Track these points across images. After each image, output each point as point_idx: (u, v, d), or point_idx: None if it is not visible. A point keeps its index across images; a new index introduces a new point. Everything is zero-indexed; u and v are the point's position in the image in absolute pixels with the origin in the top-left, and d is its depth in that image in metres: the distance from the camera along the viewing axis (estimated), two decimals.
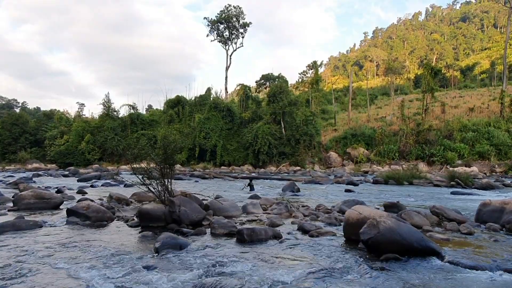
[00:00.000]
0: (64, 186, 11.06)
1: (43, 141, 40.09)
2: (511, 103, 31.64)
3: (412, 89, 66.22)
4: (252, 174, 24.85)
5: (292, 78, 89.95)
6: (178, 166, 25.35)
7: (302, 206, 7.33)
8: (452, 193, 11.12)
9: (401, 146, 31.11)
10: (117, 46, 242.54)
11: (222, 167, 33.56)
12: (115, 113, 41.54)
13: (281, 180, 16.83)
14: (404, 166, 23.66)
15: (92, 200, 6.87)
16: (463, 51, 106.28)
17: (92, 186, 12.55)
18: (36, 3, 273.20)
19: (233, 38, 50.28)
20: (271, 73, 51.40)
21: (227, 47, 50.57)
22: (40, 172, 22.32)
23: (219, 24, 49.66)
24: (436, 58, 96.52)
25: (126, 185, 12.36)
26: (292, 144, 33.32)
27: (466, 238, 4.58)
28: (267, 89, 47.06)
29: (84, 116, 51.56)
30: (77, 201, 6.82)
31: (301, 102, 37.25)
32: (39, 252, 3.69)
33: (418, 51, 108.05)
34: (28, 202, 6.66)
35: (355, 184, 14.52)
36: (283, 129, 34.16)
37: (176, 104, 41.75)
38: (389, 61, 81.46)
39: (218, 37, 50.53)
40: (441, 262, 3.45)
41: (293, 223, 5.51)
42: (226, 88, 48.74)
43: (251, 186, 12.04)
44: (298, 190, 11.14)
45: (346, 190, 11.61)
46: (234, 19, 49.14)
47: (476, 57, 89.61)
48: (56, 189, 9.70)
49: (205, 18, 54.59)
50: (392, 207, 6.62)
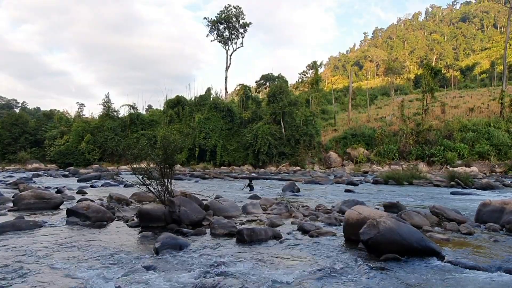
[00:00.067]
0: (64, 186, 11.06)
1: (43, 141, 40.07)
2: (511, 103, 31.63)
3: (412, 89, 66.25)
4: (252, 174, 24.83)
5: (292, 78, 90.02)
6: (178, 166, 25.34)
7: (302, 206, 7.33)
8: (452, 193, 11.12)
9: (401, 146, 31.11)
10: (117, 46, 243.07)
11: (222, 167, 33.54)
12: (115, 113, 41.54)
13: (281, 180, 16.83)
14: (404, 166, 23.65)
15: (92, 200, 6.87)
16: (463, 51, 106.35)
17: (92, 186, 12.55)
18: (36, 3, 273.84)
19: (233, 38, 50.31)
20: (271, 73, 51.45)
21: (227, 47, 50.61)
22: (40, 172, 22.33)
23: (219, 24, 49.66)
24: (436, 58, 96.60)
25: (126, 185, 12.37)
26: (292, 144, 33.30)
27: (466, 238, 4.58)
28: (267, 89, 47.05)
29: (84, 116, 51.63)
30: (77, 201, 6.82)
31: (301, 102, 37.22)
32: (39, 252, 3.70)
33: (418, 51, 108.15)
34: (28, 202, 6.66)
35: (355, 184, 14.52)
36: (283, 129, 34.14)
37: (176, 104, 41.74)
38: (389, 61, 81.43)
39: (218, 37, 50.55)
40: (441, 262, 3.45)
41: (293, 223, 5.51)
42: (226, 88, 48.78)
43: (251, 186, 12.05)
44: (298, 190, 11.14)
45: (346, 190, 11.61)
46: (234, 19, 49.15)
47: (476, 57, 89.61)
48: (56, 189, 9.69)
49: (205, 18, 54.59)
50: (392, 207, 6.62)
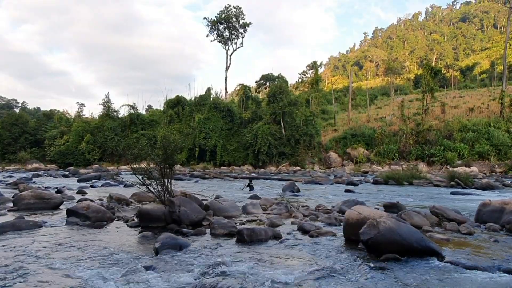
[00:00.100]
0: (64, 186, 11.07)
1: (43, 141, 40.07)
2: (511, 103, 31.64)
3: (412, 89, 66.27)
4: (252, 174, 24.84)
5: (292, 78, 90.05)
6: (178, 166, 25.29)
7: (302, 206, 7.33)
8: (452, 193, 11.13)
9: (401, 146, 31.11)
10: (117, 46, 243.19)
11: (222, 167, 33.55)
12: (115, 113, 41.57)
13: (281, 180, 16.83)
14: (404, 166, 23.65)
15: (92, 200, 6.87)
16: (463, 51, 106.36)
17: (92, 186, 12.55)
18: (36, 3, 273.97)
19: (233, 38, 50.32)
20: (271, 73, 51.45)
21: (227, 47, 50.62)
22: (40, 172, 22.33)
23: (219, 24, 49.67)
24: (436, 58, 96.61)
25: (126, 185, 12.37)
26: (292, 144, 33.30)
27: (466, 238, 4.58)
28: (267, 89, 47.05)
29: (84, 116, 51.65)
30: (77, 201, 6.81)
31: (301, 102, 37.23)
32: (38, 252, 3.69)
33: (418, 51, 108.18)
34: (28, 202, 6.66)
35: (355, 184, 14.51)
36: (283, 129, 34.14)
37: (176, 104, 41.75)
38: (389, 61, 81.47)
39: (218, 37, 50.55)
40: (441, 262, 3.45)
41: (293, 223, 5.51)
42: (226, 88, 48.79)
43: (251, 186, 12.05)
44: (298, 190, 11.14)
45: (346, 190, 11.61)
46: (234, 19, 49.15)
47: (476, 57, 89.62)
48: (56, 189, 9.69)
49: (205, 18, 54.55)
50: (392, 207, 6.61)
